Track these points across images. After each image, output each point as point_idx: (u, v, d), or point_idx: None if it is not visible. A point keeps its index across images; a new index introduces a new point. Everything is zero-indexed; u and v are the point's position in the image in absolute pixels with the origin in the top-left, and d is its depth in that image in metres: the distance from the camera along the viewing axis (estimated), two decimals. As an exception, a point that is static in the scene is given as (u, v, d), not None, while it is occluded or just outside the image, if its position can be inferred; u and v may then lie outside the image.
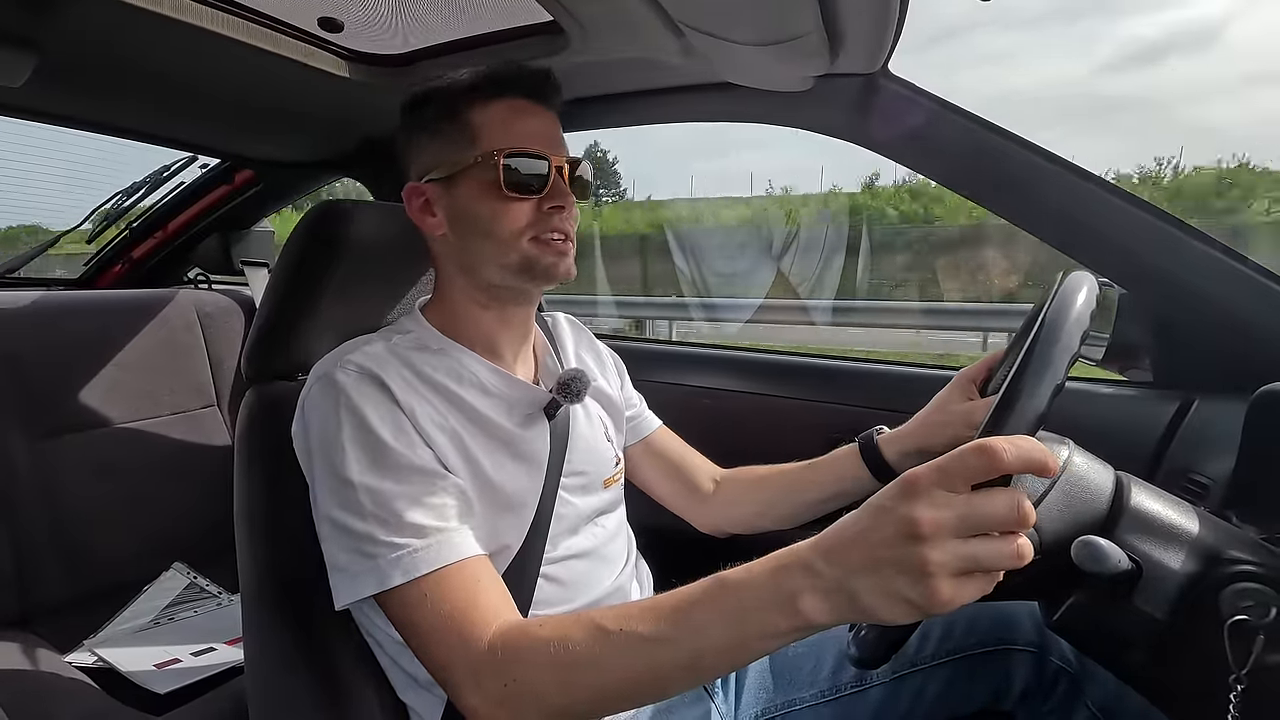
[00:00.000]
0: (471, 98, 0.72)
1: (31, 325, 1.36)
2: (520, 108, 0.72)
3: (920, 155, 1.00)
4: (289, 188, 1.68)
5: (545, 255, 0.71)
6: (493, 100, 0.71)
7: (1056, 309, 0.55)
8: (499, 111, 0.71)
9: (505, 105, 0.72)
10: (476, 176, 0.70)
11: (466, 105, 0.71)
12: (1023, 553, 0.41)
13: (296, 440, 0.68)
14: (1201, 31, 78.15)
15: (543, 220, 0.71)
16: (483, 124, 0.71)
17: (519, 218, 0.70)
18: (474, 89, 0.72)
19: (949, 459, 0.41)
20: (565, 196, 0.71)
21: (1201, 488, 0.79)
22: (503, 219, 0.70)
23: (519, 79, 0.72)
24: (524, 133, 0.71)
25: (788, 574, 0.46)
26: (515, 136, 0.70)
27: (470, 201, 0.71)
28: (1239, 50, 66.17)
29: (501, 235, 0.70)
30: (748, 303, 7.40)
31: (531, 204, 0.71)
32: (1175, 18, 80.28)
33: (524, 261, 0.71)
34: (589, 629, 0.53)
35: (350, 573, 0.61)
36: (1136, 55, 78.09)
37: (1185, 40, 76.80)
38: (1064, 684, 0.76)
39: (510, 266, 0.71)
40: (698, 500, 0.95)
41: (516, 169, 0.69)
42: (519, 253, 0.71)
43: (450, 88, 0.72)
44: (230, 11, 0.86)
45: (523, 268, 0.71)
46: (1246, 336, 0.84)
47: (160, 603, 1.32)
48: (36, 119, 1.19)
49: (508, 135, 0.70)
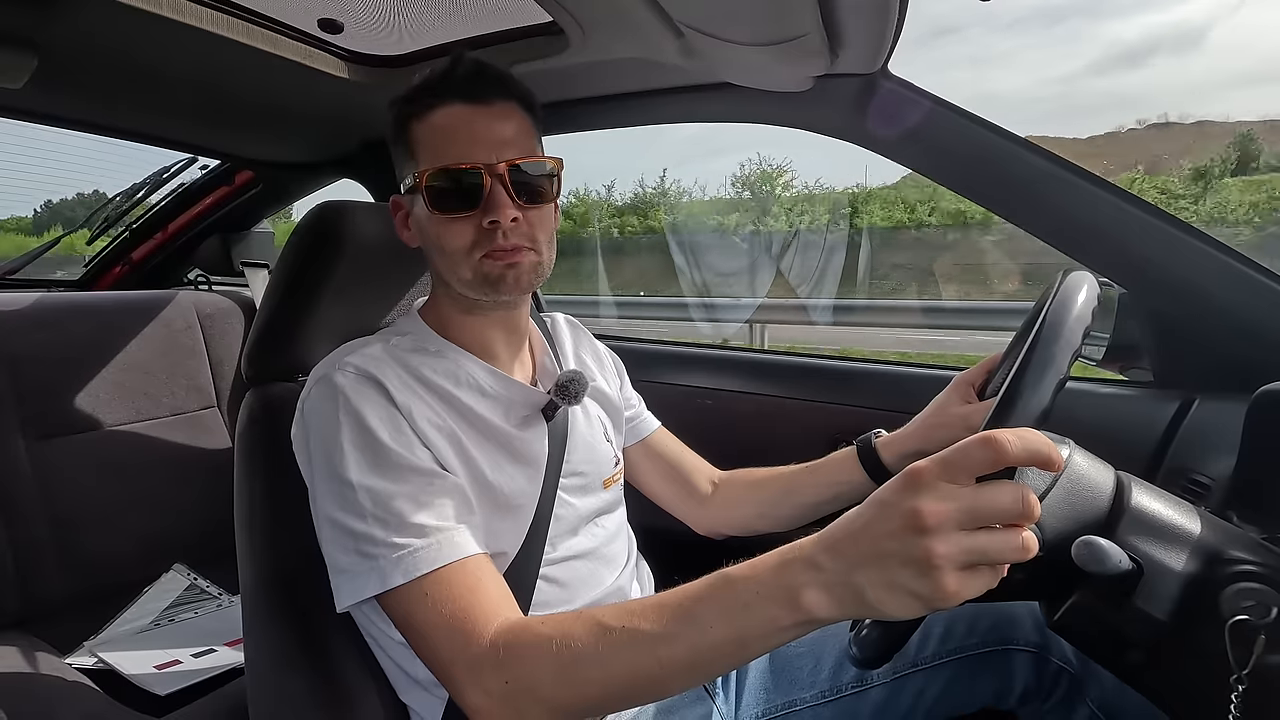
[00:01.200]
0: (410, 112, 0.70)
1: (32, 326, 1.36)
2: (454, 115, 0.68)
3: (920, 155, 1.00)
4: (289, 189, 1.68)
5: (495, 269, 0.69)
6: (428, 112, 0.69)
7: (1058, 307, 0.55)
8: (432, 124, 0.69)
9: (439, 115, 0.69)
10: (419, 195, 0.70)
11: (407, 119, 0.70)
12: (1028, 545, 0.41)
13: (296, 442, 0.68)
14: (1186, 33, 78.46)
15: (486, 236, 0.68)
16: (419, 139, 0.70)
17: (461, 236, 0.68)
18: (411, 102, 0.70)
19: (953, 451, 0.41)
20: (502, 209, 0.66)
21: (1202, 487, 0.79)
22: (445, 238, 0.69)
23: (449, 83, 0.69)
24: (459, 142, 0.68)
25: (791, 569, 0.46)
26: (446, 151, 0.68)
27: (420, 219, 0.72)
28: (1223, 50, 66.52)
29: (448, 252, 0.70)
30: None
31: (472, 221, 0.68)
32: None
33: (477, 277, 0.70)
34: (591, 626, 0.53)
35: (351, 574, 0.61)
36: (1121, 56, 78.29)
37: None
38: (1065, 684, 0.76)
39: (466, 282, 0.70)
40: (696, 502, 0.95)
41: (443, 188, 0.67)
42: (469, 269, 0.69)
43: (397, 100, 0.72)
44: (230, 13, 0.86)
45: (478, 283, 0.70)
46: (1247, 336, 0.84)
47: (160, 604, 1.32)
48: (37, 121, 1.19)
49: (437, 151, 0.68)
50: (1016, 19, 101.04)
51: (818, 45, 0.80)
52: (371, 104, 1.16)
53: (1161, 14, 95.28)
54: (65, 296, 1.51)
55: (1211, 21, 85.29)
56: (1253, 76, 54.59)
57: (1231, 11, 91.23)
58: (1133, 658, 0.50)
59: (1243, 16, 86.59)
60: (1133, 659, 0.50)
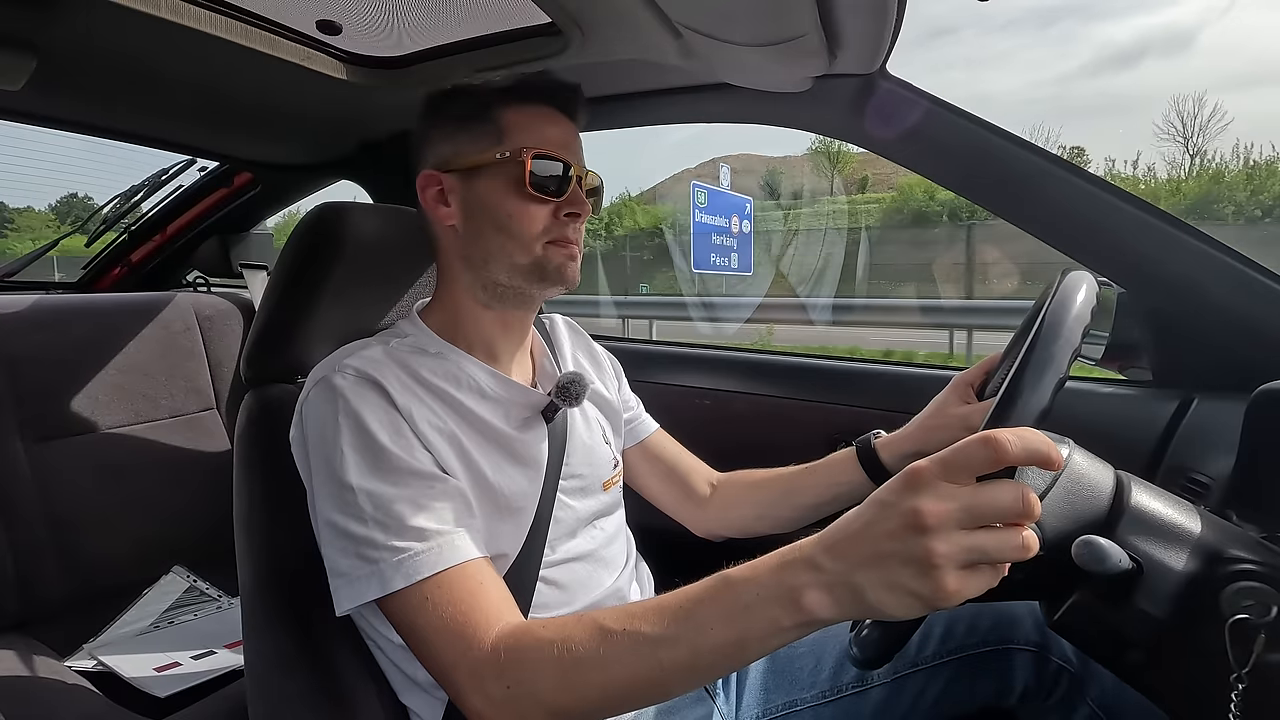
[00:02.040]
0: (504, 98, 0.73)
1: (31, 328, 1.36)
2: (549, 115, 0.74)
3: (919, 155, 1.00)
4: (287, 190, 1.68)
5: (556, 257, 0.72)
6: (525, 104, 0.73)
7: (1057, 306, 0.55)
8: (529, 115, 0.73)
9: (536, 110, 0.73)
10: (500, 173, 0.71)
11: (498, 104, 0.73)
12: (1028, 544, 0.41)
13: (295, 445, 0.68)
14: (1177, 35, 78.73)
15: (558, 226, 0.72)
16: (512, 123, 0.72)
17: (537, 219, 0.71)
18: (509, 91, 0.73)
19: (953, 451, 0.41)
20: (582, 204, 0.72)
21: (1202, 486, 0.79)
22: (521, 218, 0.71)
23: (551, 89, 0.74)
24: (551, 138, 0.72)
25: (791, 570, 0.46)
26: (542, 140, 0.72)
27: (490, 196, 0.72)
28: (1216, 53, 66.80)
29: (518, 233, 0.71)
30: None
31: (549, 208, 0.72)
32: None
33: (535, 263, 0.72)
34: (591, 629, 0.53)
35: (351, 577, 0.60)
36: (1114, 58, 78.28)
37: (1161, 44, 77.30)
38: (1065, 683, 0.76)
39: (521, 267, 0.72)
40: (694, 504, 0.95)
41: (541, 170, 0.70)
42: (532, 254, 0.71)
43: (483, 86, 0.74)
44: (228, 14, 0.86)
45: (533, 269, 0.72)
46: (1246, 335, 0.84)
47: (160, 606, 1.32)
48: (35, 123, 1.19)
49: (536, 137, 0.71)
50: (1010, 20, 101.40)
51: (816, 46, 0.80)
52: (370, 105, 1.16)
53: (1151, 16, 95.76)
54: (64, 298, 1.51)
55: (1201, 24, 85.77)
56: (1245, 78, 55.16)
57: (1220, 15, 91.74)
58: (1133, 657, 0.50)
59: (1232, 19, 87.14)
60: (1133, 658, 0.50)
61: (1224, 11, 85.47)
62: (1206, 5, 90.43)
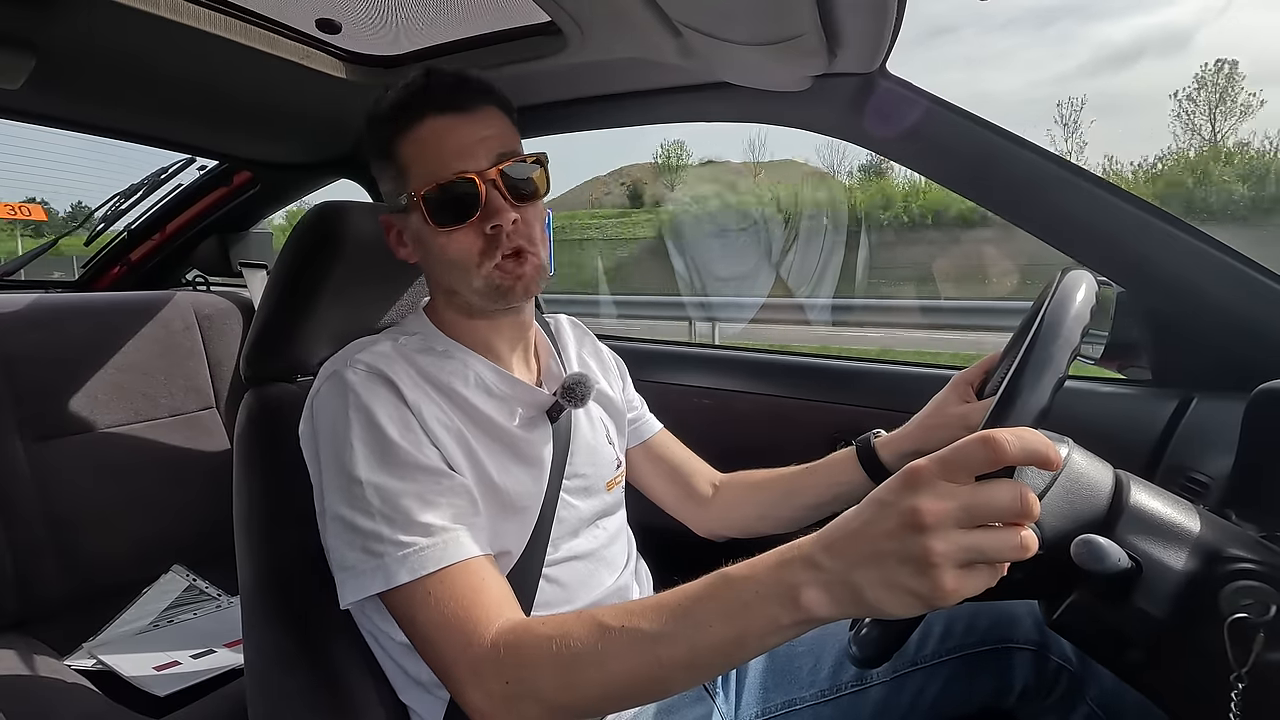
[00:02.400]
0: (394, 129, 0.70)
1: (29, 327, 1.36)
2: (439, 127, 0.69)
3: (919, 154, 1.00)
4: (287, 189, 1.68)
5: (503, 279, 0.70)
6: (412, 127, 0.69)
7: (1056, 305, 0.55)
8: (418, 139, 0.69)
9: (425, 129, 0.69)
10: (414, 214, 0.70)
11: (391, 137, 0.71)
12: (1027, 543, 0.41)
13: (304, 439, 0.68)
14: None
15: (490, 243, 0.69)
16: (407, 156, 0.70)
17: (466, 246, 0.69)
18: (393, 120, 0.70)
19: (952, 450, 0.41)
20: (502, 213, 0.68)
21: (1201, 486, 0.79)
22: (450, 251, 0.70)
23: (430, 95, 0.69)
24: (447, 154, 0.68)
25: (790, 568, 0.46)
26: (437, 164, 0.68)
27: (420, 235, 0.72)
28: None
29: (456, 264, 0.70)
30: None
31: (473, 229, 0.69)
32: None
33: (488, 287, 0.71)
34: (591, 626, 0.53)
35: (357, 571, 0.60)
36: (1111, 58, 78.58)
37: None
38: (1064, 682, 0.76)
39: (478, 290, 0.71)
40: (696, 504, 0.95)
41: (441, 203, 0.68)
42: (481, 279, 0.70)
43: (378, 118, 0.71)
44: (228, 13, 0.86)
45: (488, 291, 0.71)
46: (1245, 334, 0.84)
47: (159, 605, 1.32)
48: (34, 121, 1.19)
49: (428, 166, 0.68)
50: (1010, 19, 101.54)
51: (816, 45, 0.80)
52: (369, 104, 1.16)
53: (1149, 16, 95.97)
54: (63, 297, 1.51)
55: (1198, 24, 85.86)
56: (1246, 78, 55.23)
57: (1217, 15, 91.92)
58: (1132, 656, 0.50)
59: (1229, 20, 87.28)
60: (1132, 657, 0.50)
61: (1221, 11, 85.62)
62: (1204, 5, 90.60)
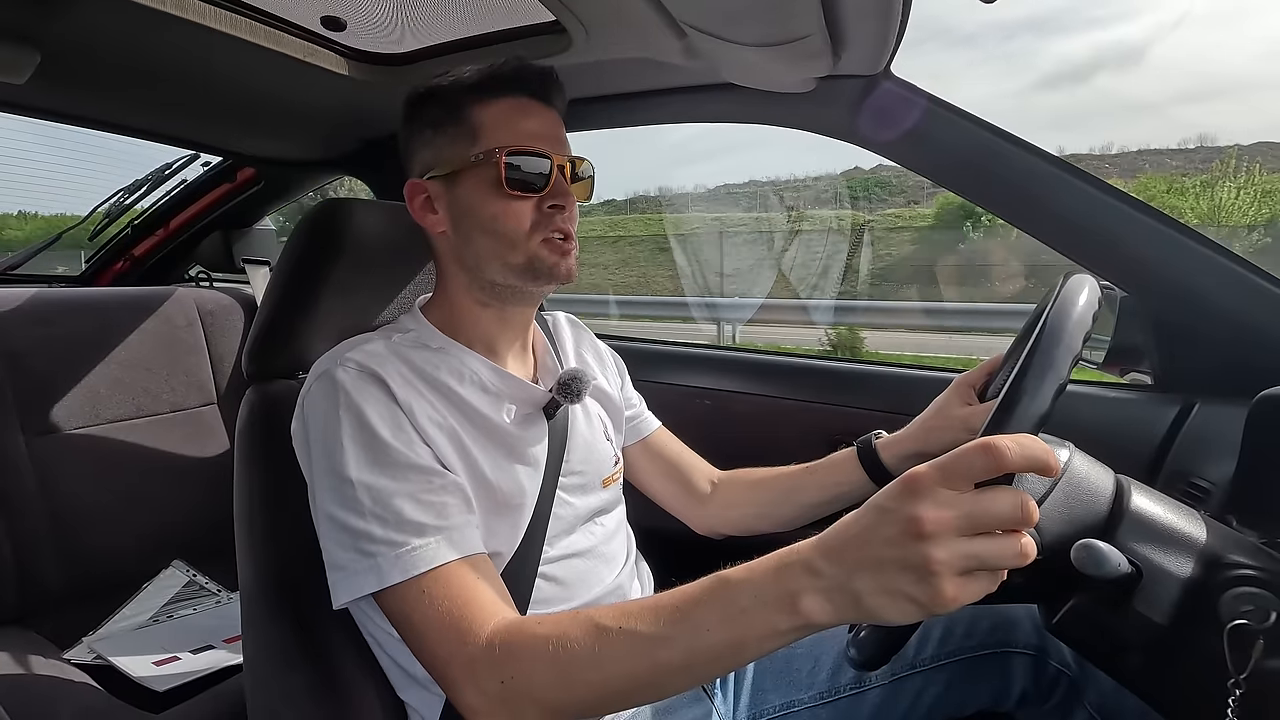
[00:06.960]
0: (475, 96, 0.71)
1: (32, 322, 1.36)
2: (523, 106, 0.72)
3: (922, 157, 1.00)
4: (290, 186, 1.68)
5: (549, 255, 0.71)
6: (496, 98, 0.71)
7: (1058, 310, 0.55)
8: (502, 110, 0.71)
9: (508, 103, 0.71)
10: (478, 174, 0.70)
11: (469, 103, 0.71)
12: (1027, 551, 0.41)
13: (296, 438, 0.68)
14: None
15: (545, 220, 0.71)
16: (485, 122, 0.71)
17: (522, 216, 0.70)
18: (477, 87, 0.72)
19: (952, 457, 0.41)
20: (566, 196, 0.71)
21: (1202, 491, 0.79)
22: (506, 218, 0.70)
23: (522, 78, 0.72)
24: (526, 131, 0.71)
25: (789, 573, 0.46)
26: (517, 135, 0.70)
27: (472, 199, 0.71)
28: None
29: (505, 234, 0.70)
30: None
31: (533, 203, 0.71)
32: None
33: (528, 261, 0.71)
34: (588, 627, 0.53)
35: (349, 571, 0.60)
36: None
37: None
38: (1063, 687, 0.76)
39: (514, 266, 0.71)
40: (695, 502, 0.95)
41: (518, 167, 0.69)
42: (524, 252, 0.71)
43: (453, 85, 0.72)
44: (233, 9, 0.86)
45: (526, 267, 0.71)
46: (1248, 340, 0.84)
47: (159, 600, 1.32)
48: (40, 116, 1.19)
49: (510, 133, 0.70)
50: (970, 35, 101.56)
51: (820, 46, 0.80)
52: (373, 102, 1.16)
53: (1105, 32, 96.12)
54: (65, 292, 1.50)
55: (1151, 41, 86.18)
56: (1192, 93, 55.41)
57: (1170, 31, 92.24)
58: (1131, 661, 0.50)
59: (1180, 36, 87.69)
60: (1131, 662, 0.50)
61: (1173, 28, 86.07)
62: (1157, 21, 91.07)
